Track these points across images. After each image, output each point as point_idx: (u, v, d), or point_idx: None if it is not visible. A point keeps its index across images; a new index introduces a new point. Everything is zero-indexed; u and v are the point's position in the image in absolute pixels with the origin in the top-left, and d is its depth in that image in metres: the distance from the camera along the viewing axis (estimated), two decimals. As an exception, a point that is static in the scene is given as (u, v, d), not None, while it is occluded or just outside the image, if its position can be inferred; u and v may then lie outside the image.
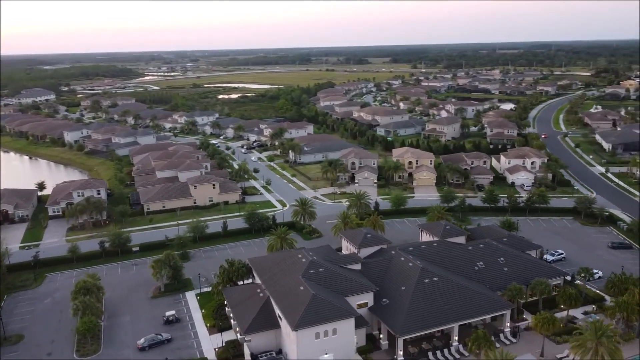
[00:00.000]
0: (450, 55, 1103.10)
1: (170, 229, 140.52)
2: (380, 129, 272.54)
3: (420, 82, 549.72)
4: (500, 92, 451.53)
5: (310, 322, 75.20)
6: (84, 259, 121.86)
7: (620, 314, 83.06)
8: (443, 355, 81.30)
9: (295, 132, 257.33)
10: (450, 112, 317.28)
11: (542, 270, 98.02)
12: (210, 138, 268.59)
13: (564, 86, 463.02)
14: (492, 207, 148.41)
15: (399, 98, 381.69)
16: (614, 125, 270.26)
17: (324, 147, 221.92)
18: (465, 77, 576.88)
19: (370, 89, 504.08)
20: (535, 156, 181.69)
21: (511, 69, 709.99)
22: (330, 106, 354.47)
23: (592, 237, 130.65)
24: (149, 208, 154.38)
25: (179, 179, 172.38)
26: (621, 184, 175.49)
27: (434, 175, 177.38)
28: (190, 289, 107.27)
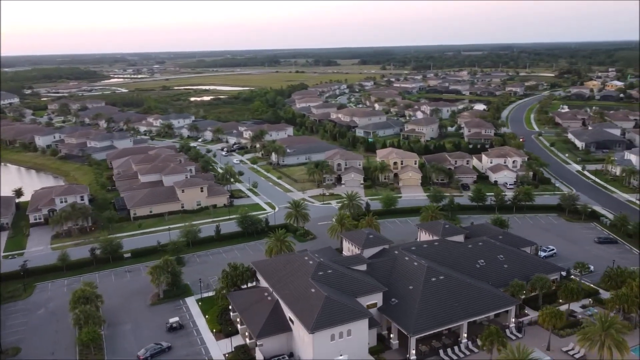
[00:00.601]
0: (417, 57, 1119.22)
1: (161, 234, 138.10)
2: (359, 130, 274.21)
3: (392, 83, 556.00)
4: (470, 93, 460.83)
5: (325, 324, 75.11)
6: (74, 267, 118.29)
7: (619, 306, 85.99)
8: (454, 353, 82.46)
9: (275, 134, 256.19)
10: (426, 113, 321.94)
11: (540, 266, 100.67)
12: (188, 141, 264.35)
13: (531, 87, 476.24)
14: (479, 206, 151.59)
15: (374, 99, 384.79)
16: (584, 124, 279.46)
17: (307, 149, 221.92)
18: (435, 79, 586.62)
19: (344, 91, 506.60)
20: (516, 155, 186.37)
21: (478, 70, 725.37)
22: (306, 108, 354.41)
23: (578, 233, 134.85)
24: (135, 213, 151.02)
25: (163, 183, 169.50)
26: (598, 181, 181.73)
27: (419, 175, 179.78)
28: (190, 294, 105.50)
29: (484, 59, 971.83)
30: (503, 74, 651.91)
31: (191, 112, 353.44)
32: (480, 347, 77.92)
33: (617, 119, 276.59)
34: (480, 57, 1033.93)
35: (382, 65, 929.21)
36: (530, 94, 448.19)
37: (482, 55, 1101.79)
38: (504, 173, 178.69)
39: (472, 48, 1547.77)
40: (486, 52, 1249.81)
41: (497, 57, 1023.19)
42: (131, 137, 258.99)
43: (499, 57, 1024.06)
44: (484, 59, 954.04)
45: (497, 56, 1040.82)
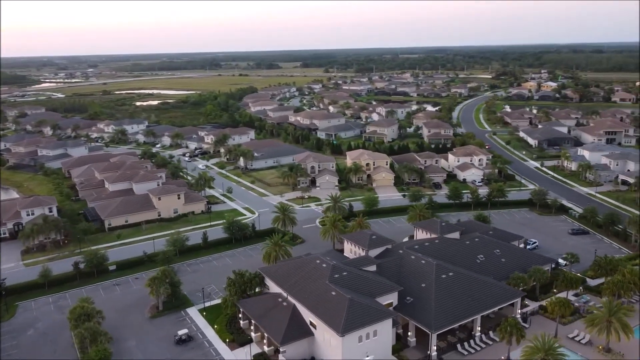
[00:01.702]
0: (358, 59, 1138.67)
1: (142, 244, 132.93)
2: (320, 132, 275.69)
3: (340, 85, 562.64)
4: (417, 95, 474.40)
5: (354, 326, 75.25)
6: (56, 283, 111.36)
7: (616, 292, 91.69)
8: (470, 346, 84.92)
9: (238, 138, 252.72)
10: (381, 114, 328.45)
11: (534, 259, 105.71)
12: (146, 147, 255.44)
13: (474, 88, 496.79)
14: (456, 204, 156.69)
15: (328, 102, 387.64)
16: (531, 124, 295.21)
17: (274, 153, 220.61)
18: (381, 81, 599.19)
19: (294, 94, 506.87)
20: (482, 154, 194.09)
21: (420, 72, 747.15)
22: (262, 111, 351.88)
23: (552, 226, 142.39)
24: (110, 224, 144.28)
25: (134, 192, 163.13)
26: (556, 176, 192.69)
27: (392, 175, 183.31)
28: (190, 305, 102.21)
29: (423, 61, 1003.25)
30: (444, 75, 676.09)
31: (142, 117, 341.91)
32: (500, 338, 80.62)
33: (560, 117, 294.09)
34: (419, 59, 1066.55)
35: (325, 68, 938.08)
36: (473, 94, 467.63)
37: (420, 58, 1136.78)
38: (472, 171, 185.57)
39: (408, 51, 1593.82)
40: (423, 55, 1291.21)
41: (434, 59, 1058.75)
42: (85, 144, 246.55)
43: (436, 59, 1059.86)
44: (423, 62, 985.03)
45: (434, 59, 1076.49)
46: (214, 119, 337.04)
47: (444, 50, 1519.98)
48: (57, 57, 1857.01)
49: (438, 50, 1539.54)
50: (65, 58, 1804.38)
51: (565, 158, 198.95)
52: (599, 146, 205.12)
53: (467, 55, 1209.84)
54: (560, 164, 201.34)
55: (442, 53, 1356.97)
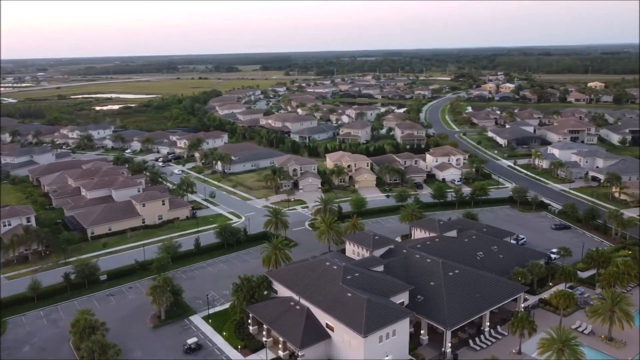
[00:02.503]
0: (317, 62, 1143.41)
1: (129, 252, 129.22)
2: (293, 135, 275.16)
3: (304, 88, 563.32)
4: (382, 97, 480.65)
5: (375, 326, 75.55)
6: (46, 295, 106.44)
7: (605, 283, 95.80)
8: (481, 341, 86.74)
9: (212, 142, 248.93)
10: (351, 116, 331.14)
11: (529, 254, 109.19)
12: (114, 153, 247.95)
13: (436, 90, 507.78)
14: (440, 203, 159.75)
15: (296, 104, 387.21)
16: (496, 124, 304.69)
17: (252, 156, 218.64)
18: (344, 83, 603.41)
19: (259, 97, 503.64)
20: (459, 154, 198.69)
21: (380, 75, 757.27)
22: (231, 114, 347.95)
23: (534, 222, 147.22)
24: (93, 232, 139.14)
25: (114, 199, 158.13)
26: (529, 173, 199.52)
27: (374, 176, 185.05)
28: (192, 312, 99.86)
29: (381, 64, 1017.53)
30: (404, 78, 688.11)
31: (106, 121, 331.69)
32: (512, 332, 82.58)
33: (524, 117, 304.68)
34: (377, 62, 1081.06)
35: (286, 71, 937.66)
36: (436, 96, 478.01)
37: (378, 60, 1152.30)
38: (451, 171, 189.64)
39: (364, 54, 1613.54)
40: (380, 57, 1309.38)
41: (392, 62, 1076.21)
42: (52, 150, 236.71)
43: (393, 62, 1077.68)
44: (381, 64, 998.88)
45: (391, 61, 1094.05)
46: (181, 123, 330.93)
47: (400, 53, 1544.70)
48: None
49: (394, 53, 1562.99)
50: (10, 62, 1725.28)
51: (536, 156, 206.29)
52: (568, 144, 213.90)
53: (423, 58, 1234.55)
54: (532, 162, 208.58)
55: (398, 56, 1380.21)
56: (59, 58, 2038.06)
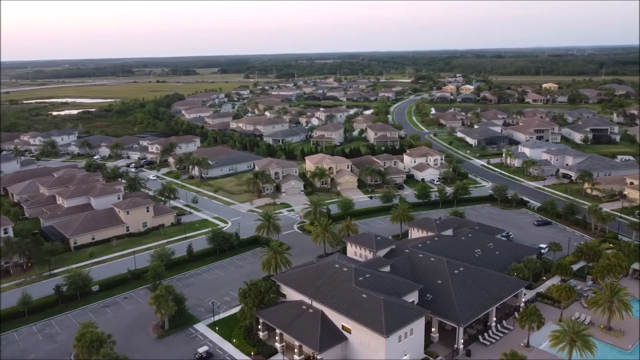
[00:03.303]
0: (276, 65, 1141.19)
1: (117, 261, 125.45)
2: (266, 138, 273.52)
3: (267, 91, 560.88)
4: (347, 99, 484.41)
5: (395, 326, 76.21)
6: (36, 310, 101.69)
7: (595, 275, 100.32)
8: (489, 336, 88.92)
9: (185, 146, 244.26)
10: (321, 119, 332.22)
11: (523, 250, 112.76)
12: (80, 159, 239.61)
13: (400, 92, 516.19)
14: (424, 202, 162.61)
15: (263, 108, 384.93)
16: (463, 124, 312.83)
17: (229, 160, 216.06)
18: (307, 86, 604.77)
19: (223, 100, 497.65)
20: (436, 154, 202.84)
21: (342, 77, 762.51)
22: (198, 118, 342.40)
23: (516, 219, 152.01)
24: (76, 242, 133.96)
25: (93, 207, 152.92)
26: (503, 172, 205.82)
27: (355, 178, 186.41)
28: (195, 320, 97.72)
29: (340, 66, 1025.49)
30: (366, 80, 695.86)
31: (67, 127, 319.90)
32: (521, 326, 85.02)
33: (489, 117, 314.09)
34: (336, 65, 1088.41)
35: (245, 74, 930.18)
36: (400, 98, 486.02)
37: (337, 63, 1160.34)
38: (429, 171, 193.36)
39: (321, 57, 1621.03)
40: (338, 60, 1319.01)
41: (351, 65, 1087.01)
42: (17, 158, 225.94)
43: (352, 64, 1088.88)
44: (340, 67, 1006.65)
45: (350, 64, 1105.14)
46: (147, 128, 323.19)
47: (357, 56, 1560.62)
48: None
49: (351, 56, 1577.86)
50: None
51: (508, 155, 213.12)
52: (537, 143, 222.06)
53: (381, 60, 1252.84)
54: (505, 161, 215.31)
55: (356, 58, 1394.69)
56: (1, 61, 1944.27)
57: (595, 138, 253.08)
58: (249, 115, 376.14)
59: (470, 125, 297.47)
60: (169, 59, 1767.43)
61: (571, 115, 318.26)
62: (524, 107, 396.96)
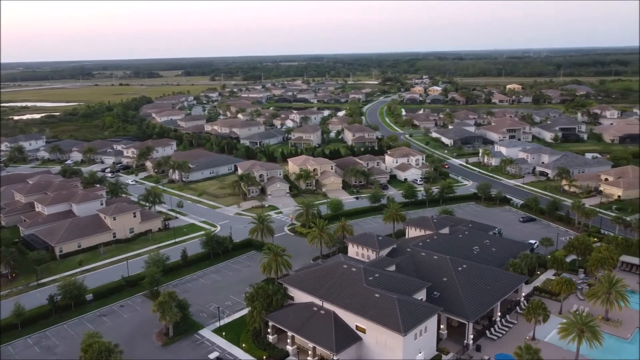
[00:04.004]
0: (242, 67, 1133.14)
1: (106, 269, 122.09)
2: (243, 140, 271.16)
3: (236, 93, 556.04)
4: (318, 101, 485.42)
5: (411, 324, 76.79)
6: (29, 321, 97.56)
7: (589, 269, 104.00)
8: (496, 331, 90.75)
9: (162, 150, 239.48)
10: (296, 121, 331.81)
11: (516, 246, 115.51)
12: (51, 165, 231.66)
13: (370, 94, 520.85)
14: (411, 202, 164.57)
15: (235, 110, 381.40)
16: (436, 125, 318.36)
17: (209, 163, 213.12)
18: (277, 88, 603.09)
19: (192, 103, 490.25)
20: (417, 154, 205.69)
21: (309, 79, 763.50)
22: (170, 121, 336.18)
23: (501, 216, 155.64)
24: (62, 250, 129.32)
25: (75, 213, 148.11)
26: (482, 171, 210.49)
27: (340, 179, 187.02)
28: (200, 326, 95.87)
29: (305, 69, 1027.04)
30: (334, 82, 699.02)
31: (33, 132, 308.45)
32: (527, 320, 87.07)
33: (460, 118, 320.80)
34: (302, 67, 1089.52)
35: (211, 76, 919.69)
36: (370, 100, 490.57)
37: (302, 65, 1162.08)
38: (412, 171, 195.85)
39: (287, 59, 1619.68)
40: (303, 62, 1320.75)
41: (317, 67, 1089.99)
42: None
43: (318, 67, 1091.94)
44: (306, 69, 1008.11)
45: (316, 66, 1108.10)
46: (116, 132, 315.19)
47: (321, 58, 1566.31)
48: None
49: (315, 58, 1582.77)
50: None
51: (485, 154, 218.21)
52: (513, 142, 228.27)
53: (346, 62, 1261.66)
54: (482, 160, 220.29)
55: (320, 61, 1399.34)
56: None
57: (565, 136, 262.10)
58: (222, 117, 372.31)
59: (444, 126, 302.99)
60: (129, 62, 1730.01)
61: (538, 115, 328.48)
62: (491, 107, 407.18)
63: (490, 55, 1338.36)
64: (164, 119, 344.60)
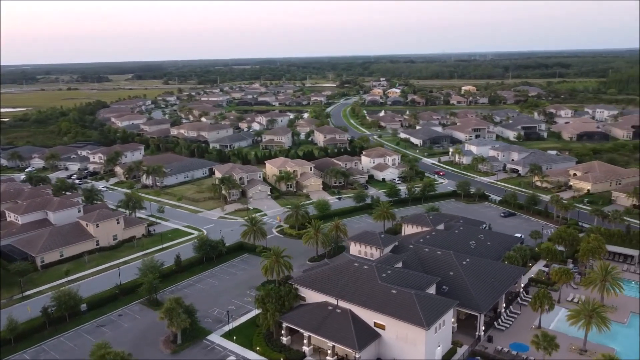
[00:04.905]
0: (195, 71, 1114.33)
1: (96, 277, 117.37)
2: (212, 144, 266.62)
3: (194, 97, 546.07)
4: (279, 104, 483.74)
5: (432, 318, 77.87)
6: (22, 336, 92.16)
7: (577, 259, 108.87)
8: (502, 322, 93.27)
9: (130, 154, 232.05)
10: (262, 123, 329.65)
11: (509, 239, 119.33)
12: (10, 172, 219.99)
13: (331, 96, 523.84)
14: (395, 200, 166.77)
15: (199, 114, 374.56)
16: (402, 126, 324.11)
17: (183, 167, 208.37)
18: (234, 91, 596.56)
19: (150, 107, 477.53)
20: (393, 154, 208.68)
21: (267, 82, 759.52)
22: (132, 126, 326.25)
23: (482, 212, 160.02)
24: (43, 260, 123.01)
25: (51, 222, 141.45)
26: (454, 169, 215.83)
27: (320, 180, 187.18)
28: (207, 332, 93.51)
29: (260, 72, 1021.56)
30: (291, 85, 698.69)
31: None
32: (534, 309, 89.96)
33: (424, 119, 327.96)
34: (255, 70, 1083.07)
35: (164, 80, 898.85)
36: (332, 102, 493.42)
37: (256, 69, 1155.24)
38: (390, 171, 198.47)
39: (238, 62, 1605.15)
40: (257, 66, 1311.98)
41: (271, 70, 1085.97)
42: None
43: (272, 70, 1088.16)
44: (261, 72, 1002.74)
45: (270, 69, 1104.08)
46: (75, 137, 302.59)
47: (273, 62, 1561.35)
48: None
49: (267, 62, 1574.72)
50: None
51: (457, 153, 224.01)
52: (483, 141, 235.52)
53: (300, 66, 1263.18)
54: (454, 159, 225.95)
55: (273, 64, 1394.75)
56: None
57: (527, 135, 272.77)
58: (185, 121, 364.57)
59: (412, 127, 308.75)
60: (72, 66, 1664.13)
61: (498, 115, 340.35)
62: (450, 108, 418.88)
63: (438, 59, 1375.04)
64: (125, 124, 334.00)
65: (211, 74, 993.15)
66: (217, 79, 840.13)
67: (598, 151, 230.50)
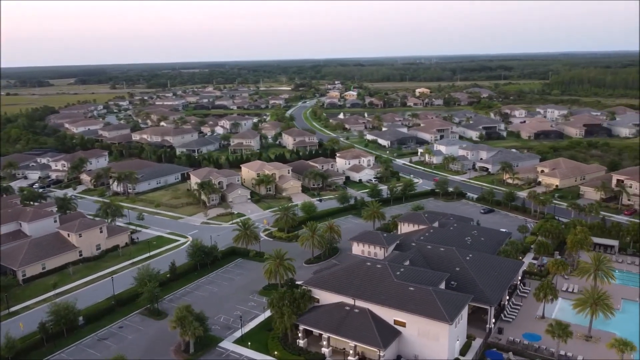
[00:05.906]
0: (142, 75, 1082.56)
1: (86, 289, 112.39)
2: (179, 149, 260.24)
3: (147, 102, 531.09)
4: (238, 107, 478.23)
5: (454, 313, 79.56)
6: (20, 355, 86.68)
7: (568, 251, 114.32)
8: (508, 313, 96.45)
9: (95, 161, 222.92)
10: (226, 127, 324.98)
11: (499, 234, 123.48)
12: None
13: (289, 99, 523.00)
14: (376, 200, 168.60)
15: (157, 118, 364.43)
16: (366, 127, 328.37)
17: (155, 173, 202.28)
18: (188, 95, 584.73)
19: (103, 112, 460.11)
20: (369, 155, 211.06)
21: (221, 86, 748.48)
22: (88, 131, 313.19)
23: (462, 209, 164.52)
24: (25, 274, 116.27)
25: (26, 233, 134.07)
26: (426, 169, 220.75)
27: (299, 183, 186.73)
28: (218, 339, 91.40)
29: (210, 75, 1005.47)
30: (246, 89, 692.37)
31: None
32: (538, 300, 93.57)
33: (387, 120, 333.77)
34: (205, 74, 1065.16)
35: (111, 84, 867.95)
36: (290, 105, 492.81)
37: (206, 72, 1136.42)
38: (365, 172, 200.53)
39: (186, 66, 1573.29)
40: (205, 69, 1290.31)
41: (221, 73, 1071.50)
42: None
43: (222, 73, 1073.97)
44: (211, 76, 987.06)
45: (220, 73, 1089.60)
46: (28, 144, 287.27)
47: (222, 65, 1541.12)
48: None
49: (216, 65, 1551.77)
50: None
51: (427, 153, 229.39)
52: (452, 141, 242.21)
53: (250, 69, 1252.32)
54: (425, 159, 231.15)
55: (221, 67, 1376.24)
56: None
57: (487, 134, 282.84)
58: (143, 126, 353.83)
59: (377, 128, 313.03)
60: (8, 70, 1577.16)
61: (457, 116, 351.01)
62: (407, 110, 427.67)
63: (386, 62, 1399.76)
64: (81, 129, 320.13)
65: (160, 77, 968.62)
66: (167, 82, 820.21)
67: (556, 149, 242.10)
